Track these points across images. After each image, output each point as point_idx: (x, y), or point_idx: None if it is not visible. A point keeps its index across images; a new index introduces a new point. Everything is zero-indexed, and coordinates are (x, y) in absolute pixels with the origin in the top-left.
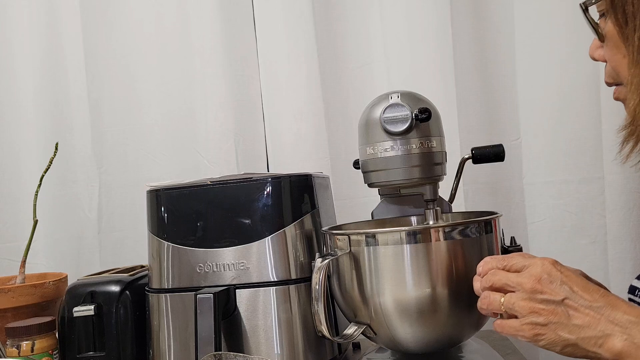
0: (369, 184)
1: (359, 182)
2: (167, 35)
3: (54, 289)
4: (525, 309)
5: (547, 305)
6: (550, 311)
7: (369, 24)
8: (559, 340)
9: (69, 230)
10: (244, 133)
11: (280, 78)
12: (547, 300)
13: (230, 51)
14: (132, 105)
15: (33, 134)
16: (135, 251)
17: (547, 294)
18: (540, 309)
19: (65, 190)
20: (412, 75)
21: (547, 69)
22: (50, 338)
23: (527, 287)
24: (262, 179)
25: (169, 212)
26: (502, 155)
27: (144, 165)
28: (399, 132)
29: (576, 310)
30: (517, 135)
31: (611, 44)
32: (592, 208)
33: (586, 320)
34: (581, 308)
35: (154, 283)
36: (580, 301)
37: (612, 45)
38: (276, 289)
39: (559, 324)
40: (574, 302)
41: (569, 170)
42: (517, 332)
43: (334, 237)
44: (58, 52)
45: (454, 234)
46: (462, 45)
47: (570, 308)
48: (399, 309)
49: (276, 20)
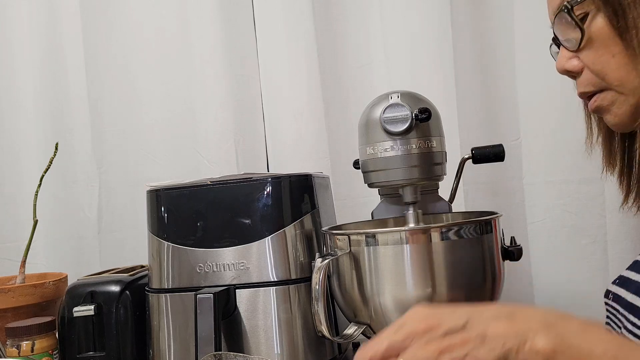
0: (369, 184)
1: (359, 182)
2: (167, 35)
3: (54, 289)
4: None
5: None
6: (462, 340)
7: (369, 24)
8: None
9: (69, 230)
10: (244, 133)
11: (280, 78)
12: (449, 330)
13: (230, 51)
14: (132, 105)
15: (33, 134)
16: (135, 251)
17: (446, 325)
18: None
19: (65, 190)
20: (412, 75)
21: (547, 69)
22: (50, 338)
23: (420, 330)
24: (262, 179)
25: (169, 212)
26: (502, 155)
27: (144, 165)
28: (399, 132)
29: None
30: (517, 135)
31: (597, 45)
32: (592, 208)
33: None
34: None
35: (154, 283)
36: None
37: (597, 46)
38: (276, 289)
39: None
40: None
41: (569, 170)
42: None
43: (334, 237)
44: (58, 52)
45: (454, 234)
46: (462, 45)
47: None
48: (398, 309)
49: (276, 20)
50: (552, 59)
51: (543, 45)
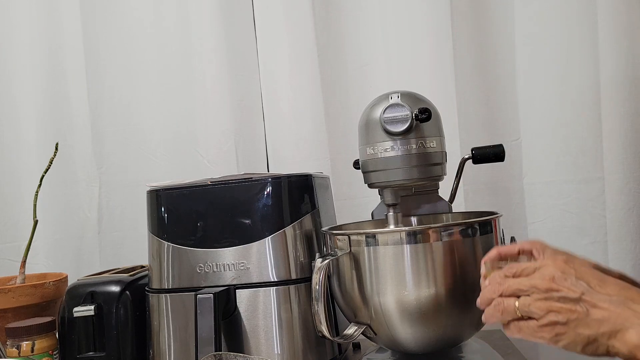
0: (369, 184)
1: (359, 182)
2: (167, 35)
3: (54, 289)
4: (543, 309)
5: (565, 304)
6: (569, 309)
7: (369, 24)
8: (579, 339)
9: (69, 230)
10: (244, 133)
11: (280, 78)
12: (564, 297)
13: (230, 51)
14: (132, 105)
15: (33, 134)
16: (135, 251)
17: (564, 292)
18: (559, 307)
19: (65, 190)
20: (412, 75)
21: (547, 69)
22: (50, 338)
23: (542, 288)
24: (262, 179)
25: (169, 212)
26: (502, 155)
27: (144, 165)
28: (399, 132)
29: (594, 306)
30: (517, 135)
31: None
32: (592, 208)
33: (605, 314)
34: (599, 303)
35: (154, 283)
36: (598, 296)
37: None
38: (276, 289)
39: (579, 321)
40: (592, 297)
41: (569, 170)
42: (536, 334)
43: (334, 237)
44: (58, 53)
45: (454, 234)
46: (462, 45)
47: (588, 304)
48: (399, 309)
49: (276, 21)
50: (552, 59)
51: (543, 45)
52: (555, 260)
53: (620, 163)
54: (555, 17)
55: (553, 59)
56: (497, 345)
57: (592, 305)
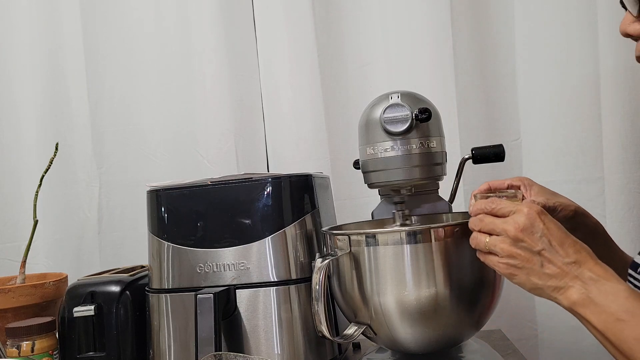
0: (369, 184)
1: (359, 182)
2: (167, 35)
3: (54, 289)
4: (505, 251)
5: (524, 252)
6: (526, 258)
7: (369, 24)
8: (529, 283)
9: (69, 230)
10: (244, 133)
11: (280, 78)
12: (525, 248)
13: (230, 51)
14: (132, 105)
15: (33, 134)
16: (135, 251)
17: (527, 244)
18: (518, 254)
19: (65, 190)
20: (412, 75)
21: (547, 69)
22: (51, 338)
23: (511, 235)
24: (262, 179)
25: (169, 212)
26: (502, 155)
27: (144, 165)
28: (399, 132)
29: (549, 261)
30: (517, 135)
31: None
32: (592, 208)
33: (555, 271)
34: (554, 260)
35: (154, 283)
36: (555, 255)
37: None
38: (276, 289)
39: (531, 270)
40: (549, 254)
41: (569, 170)
42: (494, 266)
43: (334, 237)
44: (58, 53)
45: (454, 234)
46: (462, 45)
47: (544, 259)
48: (399, 309)
49: (276, 20)
50: (552, 59)
51: (543, 45)
52: (530, 210)
53: (620, 163)
54: (555, 18)
55: (553, 59)
56: (497, 345)
57: (548, 260)
